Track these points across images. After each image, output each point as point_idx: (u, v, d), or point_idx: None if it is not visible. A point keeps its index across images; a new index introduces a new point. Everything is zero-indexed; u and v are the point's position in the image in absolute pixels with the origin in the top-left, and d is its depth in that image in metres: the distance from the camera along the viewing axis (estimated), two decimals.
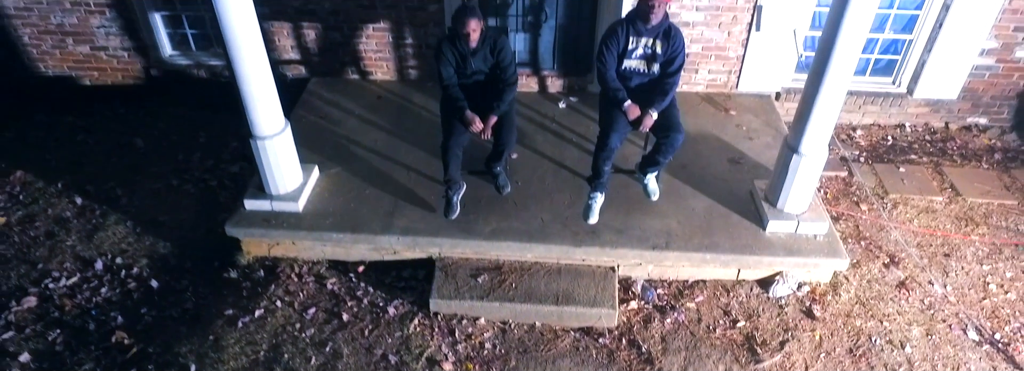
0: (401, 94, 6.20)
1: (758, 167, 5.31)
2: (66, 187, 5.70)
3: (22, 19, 6.21)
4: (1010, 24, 5.66)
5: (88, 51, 6.42)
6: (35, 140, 6.26)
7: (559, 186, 5.11)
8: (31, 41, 6.36)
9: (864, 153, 6.03)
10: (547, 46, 6.10)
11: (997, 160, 5.94)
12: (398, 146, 5.51)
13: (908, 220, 5.30)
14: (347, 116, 5.90)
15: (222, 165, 6.01)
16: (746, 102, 6.13)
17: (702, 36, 5.89)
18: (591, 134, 5.59)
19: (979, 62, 5.90)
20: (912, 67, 6.06)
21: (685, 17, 5.77)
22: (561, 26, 5.97)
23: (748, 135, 5.70)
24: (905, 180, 5.67)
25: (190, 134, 6.34)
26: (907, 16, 5.85)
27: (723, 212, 4.88)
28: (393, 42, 6.14)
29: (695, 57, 6.01)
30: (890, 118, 6.33)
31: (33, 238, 5.23)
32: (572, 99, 6.12)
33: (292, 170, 4.86)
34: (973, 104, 6.19)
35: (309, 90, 6.24)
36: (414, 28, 6.02)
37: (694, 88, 6.19)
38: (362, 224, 4.75)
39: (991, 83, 6.04)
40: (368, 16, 5.97)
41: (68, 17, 6.17)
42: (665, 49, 4.45)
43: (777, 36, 5.80)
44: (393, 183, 5.11)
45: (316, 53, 6.26)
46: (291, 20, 6.04)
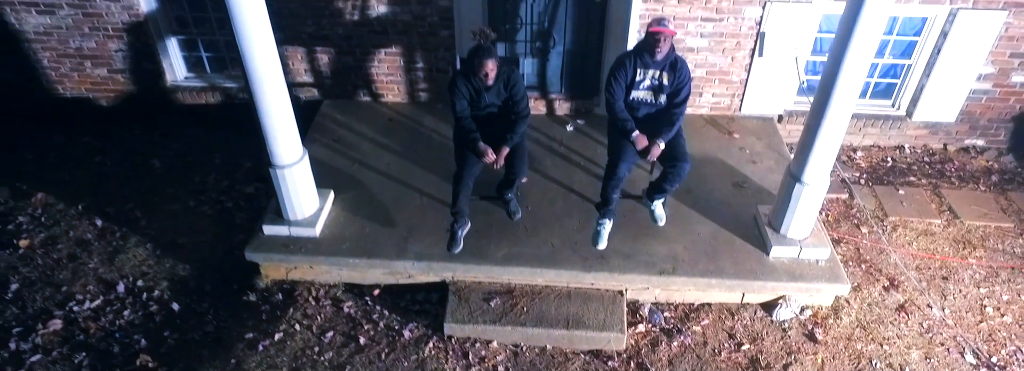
0: (412, 117, 6.34)
1: (761, 191, 5.46)
2: (86, 209, 5.84)
3: (42, 43, 6.35)
4: (1006, 50, 5.82)
5: (106, 74, 6.56)
6: (54, 161, 6.41)
7: (568, 210, 5.26)
8: (50, 64, 6.51)
9: (864, 175, 6.18)
10: (555, 70, 6.25)
11: (994, 182, 6.09)
12: (410, 170, 5.66)
13: (907, 243, 5.45)
14: (360, 139, 6.04)
15: (237, 186, 6.16)
16: (749, 125, 6.27)
17: (706, 61, 6.04)
18: (598, 157, 5.75)
19: (976, 86, 6.05)
20: (911, 91, 6.21)
21: (690, 43, 5.92)
22: (569, 52, 6.12)
23: (751, 158, 5.85)
24: (904, 202, 5.82)
25: (205, 155, 6.49)
26: (906, 42, 6.00)
27: (727, 237, 5.03)
28: (404, 66, 6.28)
29: (699, 81, 6.16)
30: (890, 140, 6.48)
31: (56, 260, 5.38)
32: (579, 122, 6.27)
33: (309, 196, 5.00)
34: (970, 126, 6.35)
35: (322, 113, 6.38)
36: (425, 52, 6.16)
37: (698, 111, 6.34)
38: (378, 249, 4.90)
39: (988, 106, 6.19)
40: (380, 41, 6.12)
41: (87, 41, 6.31)
42: (672, 80, 4.60)
43: (780, 61, 5.95)
44: (407, 208, 5.26)
45: (329, 76, 6.41)
46: (305, 45, 6.19)
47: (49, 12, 6.13)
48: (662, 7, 5.71)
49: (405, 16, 5.93)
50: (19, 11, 6.14)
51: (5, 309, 4.96)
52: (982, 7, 5.56)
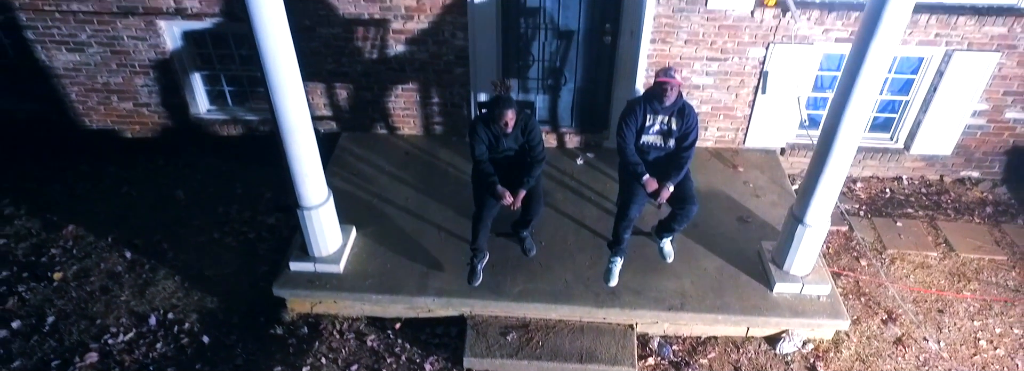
0: (428, 150, 6.58)
1: (765, 226, 5.70)
2: (115, 241, 6.07)
3: (71, 78, 6.59)
4: (1000, 88, 6.06)
5: (131, 107, 6.80)
6: (82, 192, 6.64)
7: (581, 246, 5.49)
8: (78, 98, 6.74)
9: (864, 206, 6.42)
10: (565, 106, 6.49)
11: (988, 214, 6.33)
12: (428, 204, 5.89)
13: (905, 276, 5.69)
14: (378, 173, 6.28)
15: (259, 217, 6.39)
16: (753, 158, 6.51)
17: (711, 98, 6.27)
18: (608, 192, 6.00)
19: (971, 122, 6.29)
20: (909, 125, 6.45)
21: (696, 81, 6.16)
22: (579, 89, 6.35)
23: (755, 192, 6.09)
24: (902, 235, 6.05)
25: (227, 185, 6.72)
26: (904, 79, 6.24)
27: (733, 272, 5.27)
28: (420, 100, 6.52)
29: (705, 116, 6.40)
30: (888, 171, 6.72)
31: (89, 293, 5.61)
32: (589, 155, 6.50)
33: (334, 234, 5.24)
34: (966, 159, 6.58)
35: (341, 146, 6.62)
36: (441, 88, 6.40)
37: (704, 144, 6.57)
38: (399, 285, 5.13)
39: (983, 140, 6.43)
40: (397, 78, 6.36)
41: (114, 77, 6.55)
42: (680, 125, 4.84)
43: (782, 98, 6.18)
44: (425, 243, 5.49)
45: (347, 110, 6.65)
46: (325, 81, 6.42)
47: (78, 50, 6.37)
48: (669, 48, 5.95)
49: (422, 55, 6.17)
50: (49, 49, 6.38)
51: (43, 342, 5.20)
52: (976, 49, 5.80)
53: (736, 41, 5.90)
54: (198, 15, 6.08)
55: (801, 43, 5.85)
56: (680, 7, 5.71)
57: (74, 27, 6.21)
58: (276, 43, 4.08)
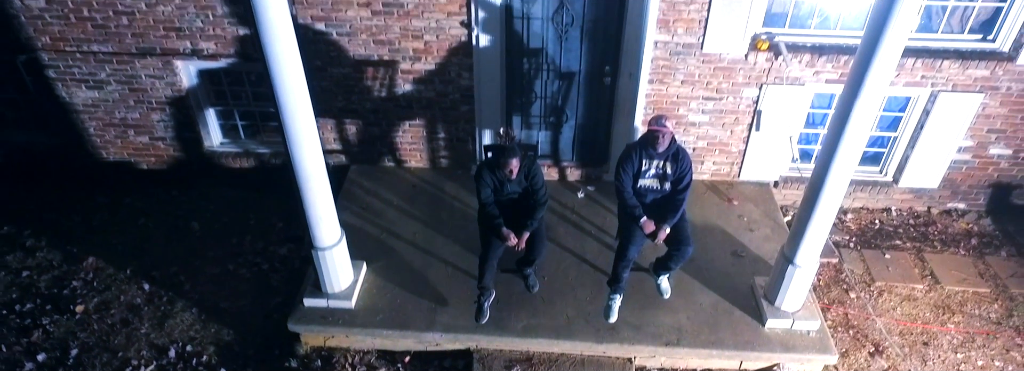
0: (434, 183, 6.82)
1: (758, 260, 5.95)
2: (134, 273, 6.31)
3: (90, 114, 6.83)
4: (984, 127, 6.30)
5: (147, 140, 7.04)
6: (100, 223, 6.88)
7: (581, 281, 5.74)
8: (96, 132, 6.98)
9: (854, 238, 6.67)
10: (567, 141, 6.73)
11: (973, 245, 6.58)
12: (434, 239, 6.13)
13: (891, 308, 5.94)
14: (387, 207, 6.52)
15: (271, 247, 6.64)
16: (747, 190, 6.76)
17: (707, 134, 6.52)
18: (608, 225, 6.25)
19: (957, 157, 6.54)
20: (897, 160, 6.70)
21: (692, 118, 6.41)
22: (580, 125, 6.60)
23: (749, 226, 6.33)
24: (890, 267, 6.30)
25: (240, 216, 6.96)
26: (892, 117, 6.49)
27: (727, 307, 5.51)
28: (427, 135, 6.77)
29: (701, 151, 6.65)
30: (878, 203, 6.97)
31: (110, 325, 5.85)
32: (590, 188, 6.75)
33: (345, 271, 5.48)
34: (952, 192, 6.83)
35: (350, 179, 6.86)
36: (446, 124, 6.65)
37: (700, 177, 6.82)
38: (408, 321, 5.37)
39: (968, 174, 6.68)
40: (405, 114, 6.60)
41: (131, 113, 6.79)
42: (675, 169, 5.09)
43: (775, 134, 6.43)
44: (433, 278, 5.74)
45: (356, 144, 6.89)
46: (335, 117, 6.66)
47: (98, 87, 6.61)
48: (667, 88, 6.20)
49: (429, 93, 6.41)
50: (70, 86, 6.62)
51: None
52: (961, 90, 6.05)
53: (731, 82, 6.15)
54: (214, 56, 6.32)
55: (793, 84, 6.10)
56: (677, 51, 5.96)
57: (94, 66, 6.46)
58: (292, 93, 4.32)
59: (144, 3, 5.99)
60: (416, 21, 5.94)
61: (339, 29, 6.04)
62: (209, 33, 6.16)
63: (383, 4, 5.86)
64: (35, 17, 6.15)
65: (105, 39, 6.25)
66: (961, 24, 5.95)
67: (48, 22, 6.17)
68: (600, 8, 5.83)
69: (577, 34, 5.99)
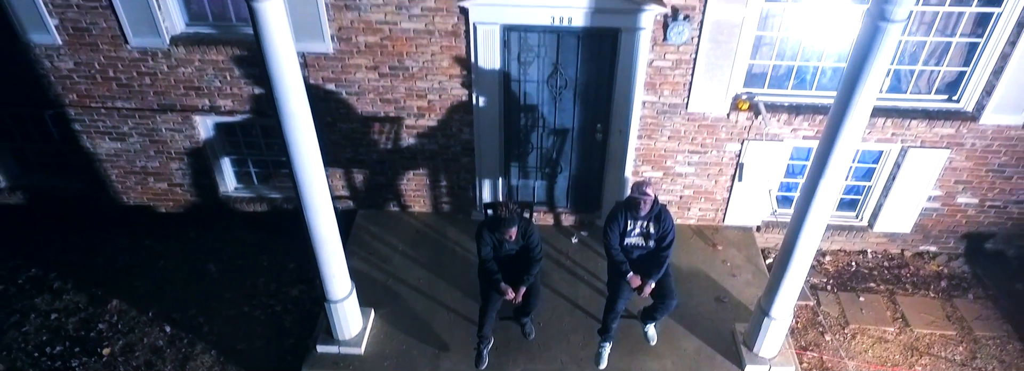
0: (436, 227, 7.25)
1: (739, 306, 6.38)
2: (156, 316, 6.74)
3: (112, 163, 7.25)
4: (951, 178, 6.74)
5: (165, 187, 7.47)
6: (122, 265, 7.30)
7: (574, 326, 6.17)
8: (118, 178, 7.41)
9: (831, 280, 7.10)
10: (561, 190, 7.16)
11: (943, 288, 7.01)
12: (438, 284, 6.56)
13: (864, 350, 6.37)
14: (392, 252, 6.95)
15: (283, 289, 7.06)
16: (731, 235, 7.19)
17: (693, 184, 6.96)
18: (599, 271, 6.66)
19: (927, 205, 6.97)
20: (872, 206, 7.13)
21: (679, 170, 6.84)
22: (573, 175, 7.03)
23: (732, 271, 6.76)
24: (863, 310, 6.73)
25: (253, 258, 7.38)
26: (866, 168, 6.92)
27: (709, 353, 5.94)
28: (430, 183, 7.20)
29: (687, 199, 7.08)
30: (854, 245, 7.40)
31: (136, 368, 6.27)
32: (583, 233, 7.18)
33: (355, 319, 5.91)
34: (924, 236, 7.27)
35: (358, 224, 7.29)
36: (448, 174, 7.08)
37: (686, 222, 7.25)
38: (414, 367, 5.81)
39: (938, 221, 7.11)
40: (409, 164, 7.03)
41: (151, 162, 7.22)
42: (658, 229, 5.51)
43: (757, 184, 6.86)
44: (436, 324, 6.17)
45: (363, 190, 7.32)
46: (343, 167, 7.09)
47: (120, 139, 7.04)
48: (654, 142, 6.63)
49: (432, 146, 6.84)
50: (94, 137, 7.04)
51: None
52: (928, 146, 6.48)
53: (714, 138, 6.58)
54: (230, 112, 6.75)
55: (772, 140, 6.53)
56: (663, 110, 6.39)
57: (117, 120, 6.88)
58: (307, 160, 4.76)
59: (166, 65, 6.42)
60: (420, 82, 6.37)
61: (348, 89, 6.46)
62: (226, 92, 6.59)
63: (389, 67, 6.29)
64: (63, 77, 6.57)
65: (129, 96, 6.67)
66: (928, 85, 6.38)
67: (76, 81, 6.60)
68: (591, 73, 6.26)
69: (570, 95, 6.42)
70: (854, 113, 4.21)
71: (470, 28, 5.94)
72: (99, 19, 6.15)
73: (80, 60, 6.43)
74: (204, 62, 6.38)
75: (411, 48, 6.13)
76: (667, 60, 6.06)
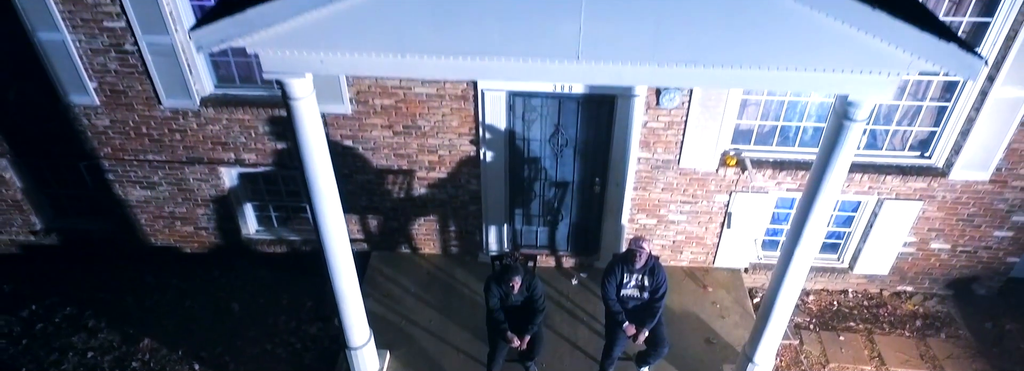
0: (446, 269, 7.75)
1: (727, 348, 6.88)
2: (185, 354, 7.24)
3: (142, 208, 7.76)
4: (925, 227, 7.25)
5: (191, 230, 7.97)
6: (151, 304, 7.80)
7: (574, 367, 6.67)
8: (147, 222, 7.91)
9: (814, 319, 7.61)
10: (562, 235, 7.67)
11: (918, 327, 7.52)
12: (448, 326, 7.06)
13: None
14: (405, 293, 7.45)
15: (303, 326, 7.57)
16: (720, 277, 7.69)
17: (685, 230, 7.46)
18: (598, 312, 7.15)
19: (903, 250, 7.48)
20: (852, 250, 7.64)
21: (671, 218, 7.35)
22: (573, 223, 7.54)
23: (721, 313, 7.27)
24: (843, 349, 7.24)
25: (274, 296, 7.89)
26: (846, 216, 7.43)
27: None
28: (439, 228, 7.70)
29: (679, 243, 7.59)
30: (836, 285, 7.91)
31: None
32: (582, 275, 7.68)
33: (372, 362, 6.41)
34: (901, 277, 7.78)
35: (372, 265, 7.79)
36: (457, 220, 7.58)
37: (679, 264, 7.76)
38: None
39: (914, 264, 7.62)
40: (420, 212, 7.54)
41: (179, 208, 7.73)
42: (651, 282, 6.01)
43: (745, 231, 7.37)
44: (448, 365, 6.67)
45: (376, 234, 7.82)
46: (359, 213, 7.60)
47: (150, 188, 7.55)
48: (649, 193, 7.14)
49: (441, 195, 7.35)
50: (126, 186, 7.55)
51: None
52: (903, 198, 6.99)
53: (705, 189, 7.08)
54: (254, 164, 7.25)
55: (758, 192, 7.03)
56: (657, 165, 6.90)
57: (148, 171, 7.39)
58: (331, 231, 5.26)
59: (196, 123, 6.93)
60: (432, 139, 6.87)
61: (364, 145, 6.97)
62: (251, 146, 7.09)
63: (403, 126, 6.80)
64: (99, 133, 7.07)
65: (160, 150, 7.18)
66: (902, 143, 6.89)
67: (111, 137, 7.10)
68: (590, 132, 6.77)
69: (570, 152, 6.93)
70: (833, 172, 4.59)
71: (478, 93, 6.45)
72: (135, 83, 6.66)
73: (116, 118, 6.94)
74: (231, 121, 6.89)
75: (423, 110, 6.64)
76: (660, 122, 6.57)
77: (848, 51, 3.85)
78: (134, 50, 6.40)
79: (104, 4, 6.11)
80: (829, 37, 3.79)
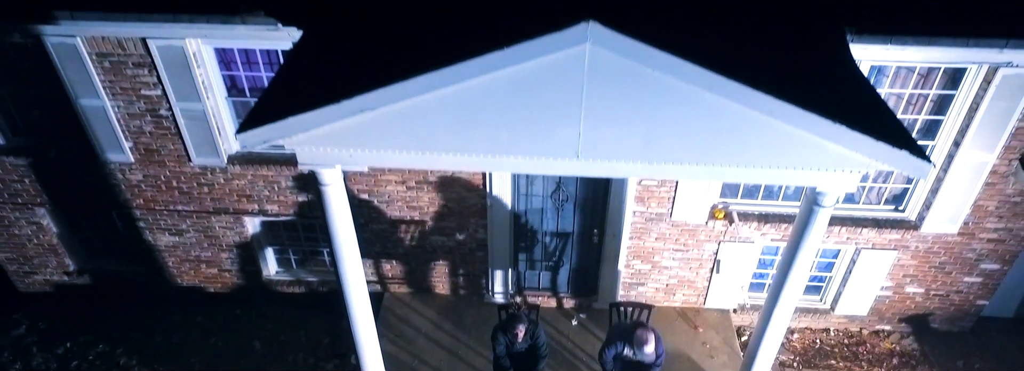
0: (455, 310, 8.30)
1: None
2: None
3: (170, 253, 8.30)
4: (900, 273, 7.79)
5: (216, 272, 8.51)
6: (178, 341, 8.34)
7: None
8: (174, 265, 8.46)
9: (798, 357, 8.15)
10: (563, 278, 8.22)
11: (895, 364, 8.06)
12: (458, 367, 7.61)
13: None
14: (416, 334, 7.99)
15: (320, 363, 8.11)
16: (710, 317, 8.23)
17: (677, 274, 8.01)
18: (596, 353, 7.70)
19: (880, 293, 8.03)
20: (833, 293, 8.19)
21: (664, 263, 7.89)
22: (573, 268, 8.09)
23: (710, 353, 7.81)
24: None
25: (293, 334, 8.43)
26: (827, 262, 7.98)
27: None
28: (449, 272, 8.24)
29: (673, 286, 8.14)
30: (819, 324, 8.46)
31: None
32: (582, 316, 8.23)
33: None
34: (879, 317, 8.32)
35: (385, 306, 8.33)
36: (465, 265, 8.13)
37: (672, 304, 8.31)
38: None
39: (890, 305, 8.17)
40: (431, 257, 8.08)
41: (205, 252, 8.27)
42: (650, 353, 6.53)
43: (733, 276, 7.92)
44: None
45: (390, 277, 8.37)
46: (372, 258, 8.14)
47: (178, 234, 8.09)
48: (643, 242, 7.68)
49: (450, 243, 7.89)
50: (155, 233, 8.09)
51: None
52: (879, 248, 7.54)
53: (695, 239, 7.63)
54: (276, 214, 7.80)
55: (745, 242, 7.58)
56: (651, 218, 7.44)
57: (177, 220, 7.93)
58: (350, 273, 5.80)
59: (223, 178, 7.47)
60: (442, 194, 7.42)
61: (380, 198, 7.52)
62: (273, 199, 7.63)
63: (416, 182, 7.34)
64: (133, 186, 7.62)
65: (188, 202, 7.72)
66: (878, 198, 7.44)
67: (143, 189, 7.65)
68: (589, 189, 7.32)
69: (571, 206, 7.48)
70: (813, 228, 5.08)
71: None
72: (168, 143, 7.20)
73: (148, 174, 7.48)
74: (255, 176, 7.43)
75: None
76: (654, 180, 7.11)
77: (814, 154, 4.41)
78: (168, 115, 6.94)
79: (142, 75, 6.66)
80: (797, 143, 4.34)
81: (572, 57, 4.03)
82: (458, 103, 4.33)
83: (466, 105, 4.34)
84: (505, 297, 8.27)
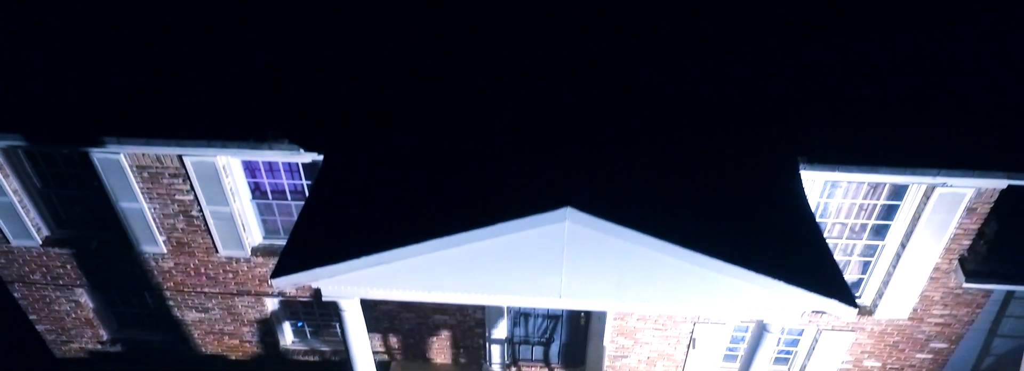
0: None
1: None
2: None
3: (195, 327, 9.12)
4: (858, 350, 8.60)
5: (237, 342, 9.33)
6: None
7: None
8: (198, 336, 9.27)
9: None
10: (554, 351, 9.04)
11: None
12: None
13: None
14: None
15: None
16: None
17: (657, 348, 8.82)
18: None
19: (841, 366, 8.83)
20: (799, 366, 8.99)
21: (645, 339, 8.71)
22: (563, 343, 8.91)
23: None
24: None
25: None
26: (792, 338, 8.79)
27: None
28: (451, 345, 9.06)
29: (653, 358, 8.95)
30: None
31: None
32: None
33: None
34: None
35: None
36: (465, 339, 8.94)
37: None
38: None
39: None
40: (434, 332, 8.90)
41: (227, 326, 9.08)
42: None
43: (708, 350, 8.73)
44: None
45: (397, 348, 9.18)
46: (380, 332, 8.96)
47: (204, 311, 8.90)
48: (627, 322, 8.49)
49: (452, 321, 8.71)
50: (184, 310, 8.90)
51: None
52: (838, 329, 8.35)
53: (672, 320, 8.44)
54: (294, 296, 8.61)
55: (716, 324, 8.39)
56: None
57: (203, 299, 8.74)
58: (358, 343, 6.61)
59: (246, 266, 8.28)
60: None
61: None
62: None
63: None
64: (164, 271, 8.43)
65: (214, 285, 8.53)
66: None
67: (173, 274, 8.46)
68: None
69: None
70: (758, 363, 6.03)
71: None
72: (198, 237, 8.01)
73: (179, 262, 8.29)
74: None
75: None
76: None
77: (759, 299, 5.24)
78: (199, 215, 7.75)
79: (177, 184, 7.47)
80: (744, 290, 5.18)
81: (554, 230, 4.86)
82: (460, 258, 5.16)
83: (467, 260, 5.17)
84: (502, 368, 9.08)
